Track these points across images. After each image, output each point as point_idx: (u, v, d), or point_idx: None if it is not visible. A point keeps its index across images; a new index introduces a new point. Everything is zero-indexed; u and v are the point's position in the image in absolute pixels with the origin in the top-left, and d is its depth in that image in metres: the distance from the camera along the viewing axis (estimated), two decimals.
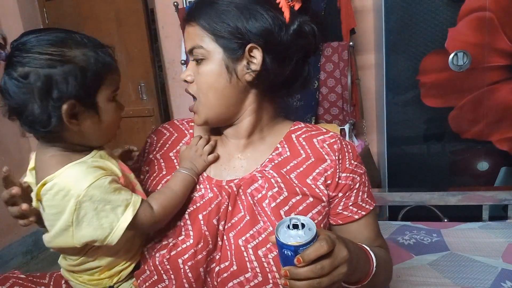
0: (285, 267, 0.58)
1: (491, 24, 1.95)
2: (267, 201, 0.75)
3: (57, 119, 0.63)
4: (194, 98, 0.80)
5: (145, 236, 0.80)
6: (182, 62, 2.61)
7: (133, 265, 0.80)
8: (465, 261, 1.25)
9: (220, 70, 0.74)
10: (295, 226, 0.58)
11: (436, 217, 1.70)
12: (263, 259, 0.71)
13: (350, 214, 0.80)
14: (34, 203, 0.71)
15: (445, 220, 1.67)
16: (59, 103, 0.63)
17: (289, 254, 0.56)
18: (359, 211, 0.81)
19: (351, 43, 2.25)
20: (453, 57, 2.01)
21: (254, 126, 0.82)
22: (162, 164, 0.85)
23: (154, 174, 0.84)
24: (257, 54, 0.74)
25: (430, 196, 1.61)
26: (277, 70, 0.76)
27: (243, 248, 0.72)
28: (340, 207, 0.80)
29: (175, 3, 2.52)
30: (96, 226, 0.66)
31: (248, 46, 0.73)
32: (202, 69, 0.75)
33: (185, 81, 0.79)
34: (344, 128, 2.31)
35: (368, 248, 0.74)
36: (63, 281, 0.88)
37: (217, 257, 0.74)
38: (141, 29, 2.77)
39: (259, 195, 0.76)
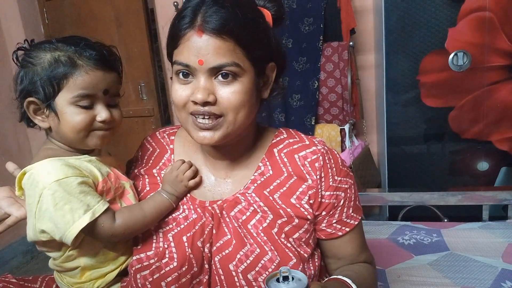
0: None
1: (491, 24, 1.95)
2: (252, 222, 0.75)
3: (23, 112, 0.72)
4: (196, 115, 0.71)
5: (130, 244, 0.79)
6: None
7: (116, 271, 0.78)
8: (465, 261, 1.25)
9: (252, 89, 0.72)
10: (285, 278, 0.59)
11: (436, 217, 1.70)
12: (254, 283, 0.71)
13: (333, 231, 0.79)
14: (17, 191, 0.73)
15: (445, 220, 1.67)
16: (22, 99, 0.71)
17: None
18: (343, 228, 0.80)
19: (351, 43, 2.25)
20: (453, 57, 2.01)
21: (244, 142, 0.80)
22: (147, 180, 0.84)
23: (139, 189, 0.84)
24: (272, 71, 0.76)
25: (430, 196, 1.61)
26: (280, 84, 0.79)
27: (234, 273, 0.72)
28: (323, 224, 0.79)
29: (175, 3, 2.52)
30: (53, 223, 0.67)
31: (270, 64, 0.75)
32: (235, 88, 0.69)
33: (207, 102, 0.68)
34: (344, 128, 2.31)
35: (350, 283, 0.72)
36: (54, 285, 0.87)
37: (205, 280, 0.73)
38: (141, 29, 2.77)
39: (243, 217, 0.75)
